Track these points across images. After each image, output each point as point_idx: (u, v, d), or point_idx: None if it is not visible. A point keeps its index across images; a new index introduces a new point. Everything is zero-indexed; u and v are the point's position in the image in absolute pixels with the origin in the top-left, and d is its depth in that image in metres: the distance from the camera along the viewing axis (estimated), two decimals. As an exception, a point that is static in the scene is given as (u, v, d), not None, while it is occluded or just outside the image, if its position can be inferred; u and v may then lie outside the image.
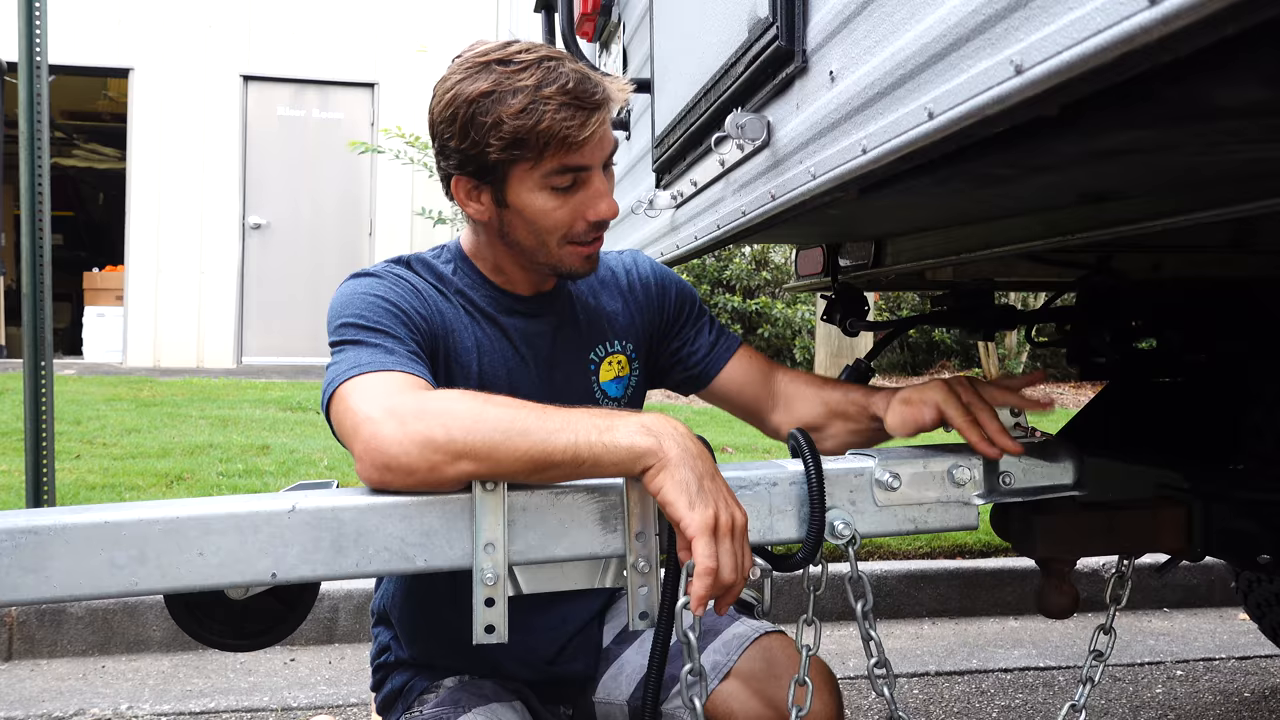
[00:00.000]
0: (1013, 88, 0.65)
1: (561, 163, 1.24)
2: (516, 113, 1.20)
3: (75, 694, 2.79)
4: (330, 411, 1.15)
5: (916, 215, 1.53)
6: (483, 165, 1.25)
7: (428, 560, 1.05)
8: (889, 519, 1.18)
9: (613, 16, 2.32)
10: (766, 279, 8.57)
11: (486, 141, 1.22)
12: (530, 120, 1.20)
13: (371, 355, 1.17)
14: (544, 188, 1.26)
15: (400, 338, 1.23)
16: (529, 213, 1.28)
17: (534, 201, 1.27)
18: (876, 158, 0.87)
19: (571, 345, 1.43)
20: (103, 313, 9.52)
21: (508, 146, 1.22)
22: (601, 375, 1.45)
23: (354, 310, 1.25)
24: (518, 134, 1.21)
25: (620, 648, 1.48)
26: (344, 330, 1.23)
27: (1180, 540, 1.33)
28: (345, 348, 1.20)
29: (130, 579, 0.99)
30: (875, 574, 3.50)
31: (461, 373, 1.33)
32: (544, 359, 1.40)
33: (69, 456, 4.56)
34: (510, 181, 1.27)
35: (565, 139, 1.21)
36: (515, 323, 1.39)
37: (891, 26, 0.83)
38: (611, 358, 1.46)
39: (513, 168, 1.25)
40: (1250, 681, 3.01)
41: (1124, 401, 1.91)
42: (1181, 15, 0.51)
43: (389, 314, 1.25)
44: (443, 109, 1.26)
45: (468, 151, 1.25)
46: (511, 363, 1.37)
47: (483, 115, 1.22)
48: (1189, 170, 1.01)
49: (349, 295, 1.28)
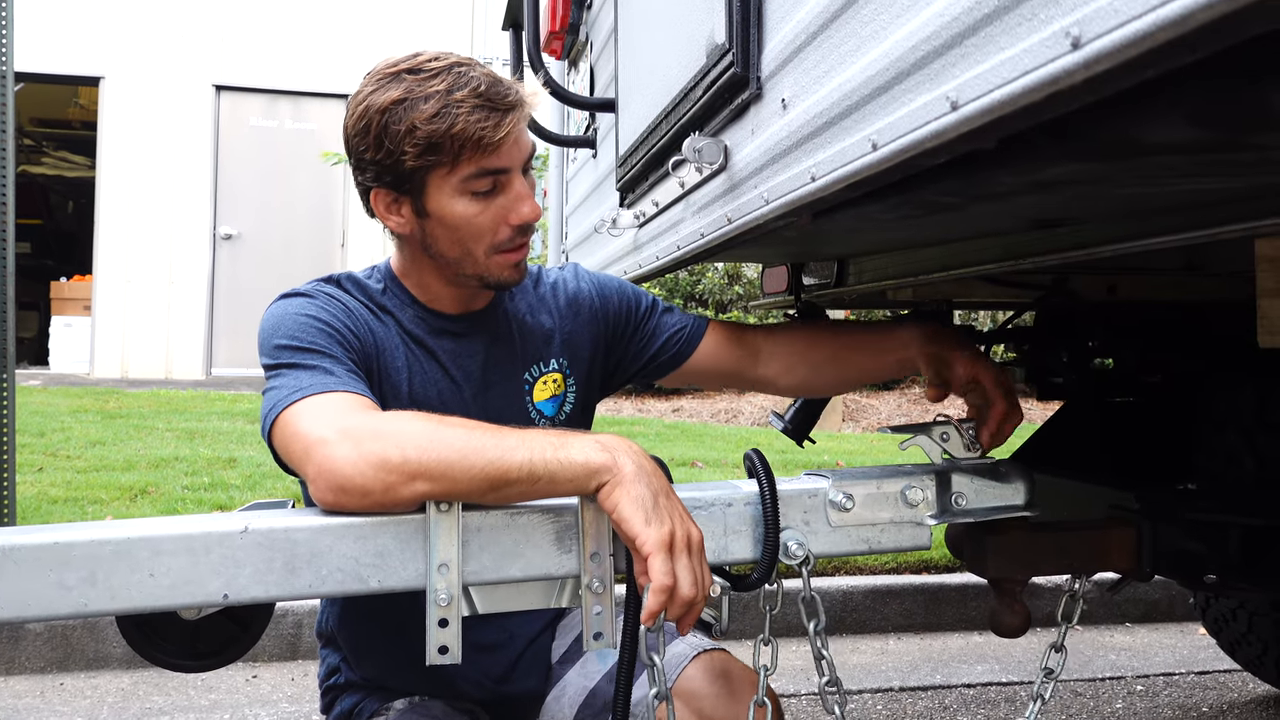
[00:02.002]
0: (949, 123, 0.67)
1: (479, 165, 1.24)
2: (429, 117, 1.20)
3: (33, 711, 2.75)
4: (274, 438, 1.13)
5: (872, 238, 1.55)
6: (399, 174, 1.25)
7: (381, 581, 1.05)
8: (843, 539, 1.19)
9: (581, 35, 2.34)
10: (739, 294, 8.60)
11: (401, 149, 1.22)
12: (443, 124, 1.20)
13: (312, 378, 1.15)
14: (463, 193, 1.26)
15: (337, 357, 1.21)
16: (450, 220, 1.27)
17: (454, 208, 1.26)
18: (825, 185, 0.88)
19: (504, 364, 1.41)
20: (70, 323, 9.42)
21: (423, 153, 1.21)
22: (536, 395, 1.43)
23: (287, 331, 1.22)
24: (431, 138, 1.20)
25: (563, 668, 1.47)
26: (279, 353, 1.20)
27: (1130, 560, 1.35)
28: (282, 371, 1.18)
29: (80, 600, 0.98)
30: (841, 589, 3.52)
31: (393, 393, 1.31)
32: (475, 380, 1.38)
33: (31, 469, 4.50)
34: (429, 189, 1.26)
35: (480, 140, 1.21)
36: (444, 344, 1.37)
37: (839, 58, 0.85)
38: (546, 377, 1.44)
39: (429, 175, 1.24)
40: (1209, 696, 3.04)
41: (1080, 421, 1.94)
42: (1102, 59, 0.53)
43: (323, 334, 1.23)
44: (355, 121, 1.26)
45: (383, 162, 1.24)
46: (442, 385, 1.35)
47: (395, 124, 1.21)
48: (1132, 200, 1.03)
49: (280, 316, 1.25)
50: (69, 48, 8.96)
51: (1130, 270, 1.76)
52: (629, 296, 1.54)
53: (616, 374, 1.55)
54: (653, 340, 1.54)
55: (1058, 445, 1.87)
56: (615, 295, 1.53)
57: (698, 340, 1.53)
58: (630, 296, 1.55)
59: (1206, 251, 1.57)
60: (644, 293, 1.57)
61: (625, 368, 1.55)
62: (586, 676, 1.43)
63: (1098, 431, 1.91)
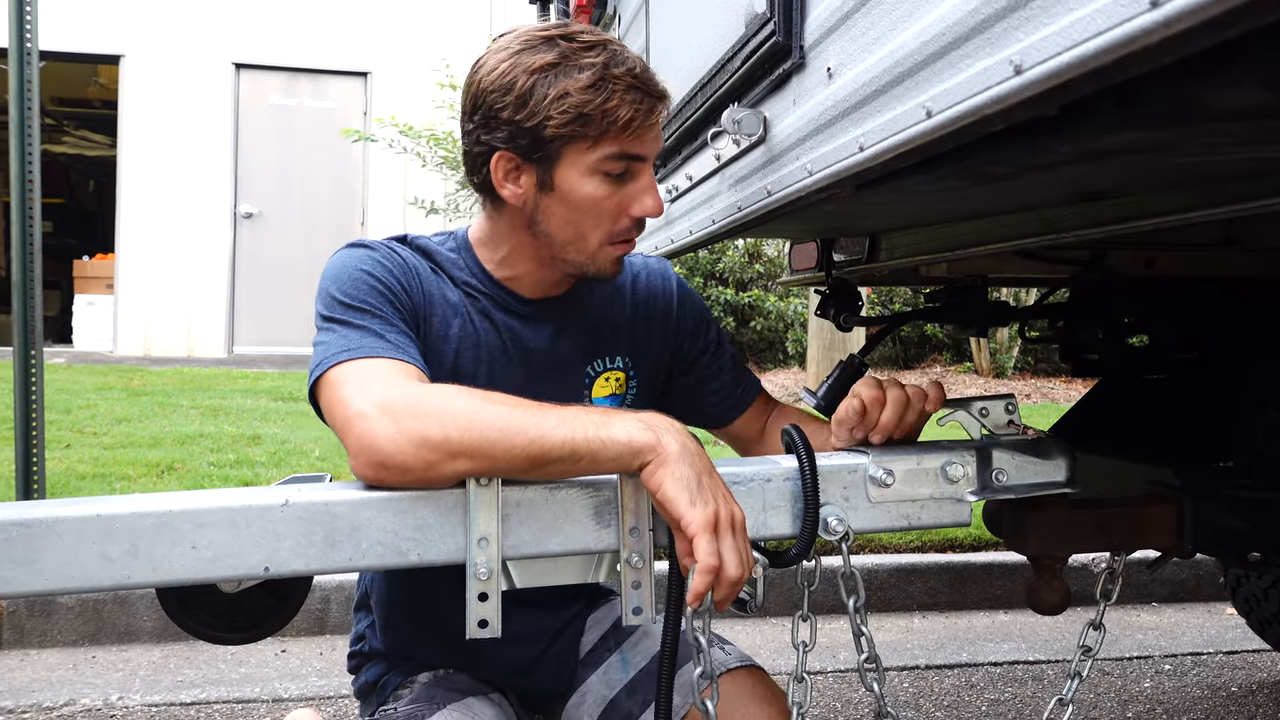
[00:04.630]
0: (1011, 88, 0.65)
1: (622, 148, 1.18)
2: (584, 87, 1.15)
3: (66, 684, 2.79)
4: (318, 394, 1.12)
5: (911, 211, 1.53)
6: (536, 140, 1.18)
7: (421, 555, 1.04)
8: (882, 515, 1.18)
9: (609, 8, 2.32)
10: (759, 272, 8.57)
11: (548, 113, 1.16)
12: (599, 96, 1.15)
13: (361, 339, 1.13)
14: (596, 172, 1.19)
15: (388, 318, 1.18)
16: (575, 198, 1.21)
17: (583, 187, 1.20)
18: (873, 155, 0.87)
19: (568, 355, 1.35)
20: (93, 301, 9.49)
21: (569, 121, 1.16)
22: (595, 390, 1.37)
23: (343, 287, 1.20)
24: (583, 109, 1.15)
25: (586, 671, 1.43)
26: (334, 306, 1.18)
27: (1170, 537, 1.33)
28: (334, 326, 1.16)
29: (122, 572, 0.98)
30: (866, 567, 3.51)
31: (435, 360, 1.26)
32: (535, 364, 1.33)
33: (59, 446, 4.54)
34: (561, 162, 1.19)
35: (630, 121, 1.16)
36: (512, 323, 1.32)
37: (891, 24, 0.83)
38: (609, 374, 1.38)
39: (568, 146, 1.18)
40: (1238, 676, 3.03)
41: (1115, 398, 1.92)
42: (1183, 18, 0.51)
43: (378, 293, 1.20)
44: (497, 78, 1.18)
45: (522, 124, 1.17)
46: (497, 359, 1.30)
47: (546, 86, 1.15)
48: (1185, 170, 1.01)
49: (340, 269, 1.23)
50: (89, 26, 8.97)
51: (1167, 246, 1.74)
52: (704, 318, 1.47)
53: (666, 393, 1.47)
54: (709, 380, 1.47)
55: (1093, 422, 1.85)
56: (692, 311, 1.45)
57: (746, 405, 1.47)
58: (705, 319, 1.47)
59: (1245, 226, 1.54)
60: (715, 321, 1.50)
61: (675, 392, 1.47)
62: (608, 685, 1.40)
63: (1133, 408, 1.89)
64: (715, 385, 1.47)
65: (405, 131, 8.18)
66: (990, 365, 8.18)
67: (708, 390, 1.46)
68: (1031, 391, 7.78)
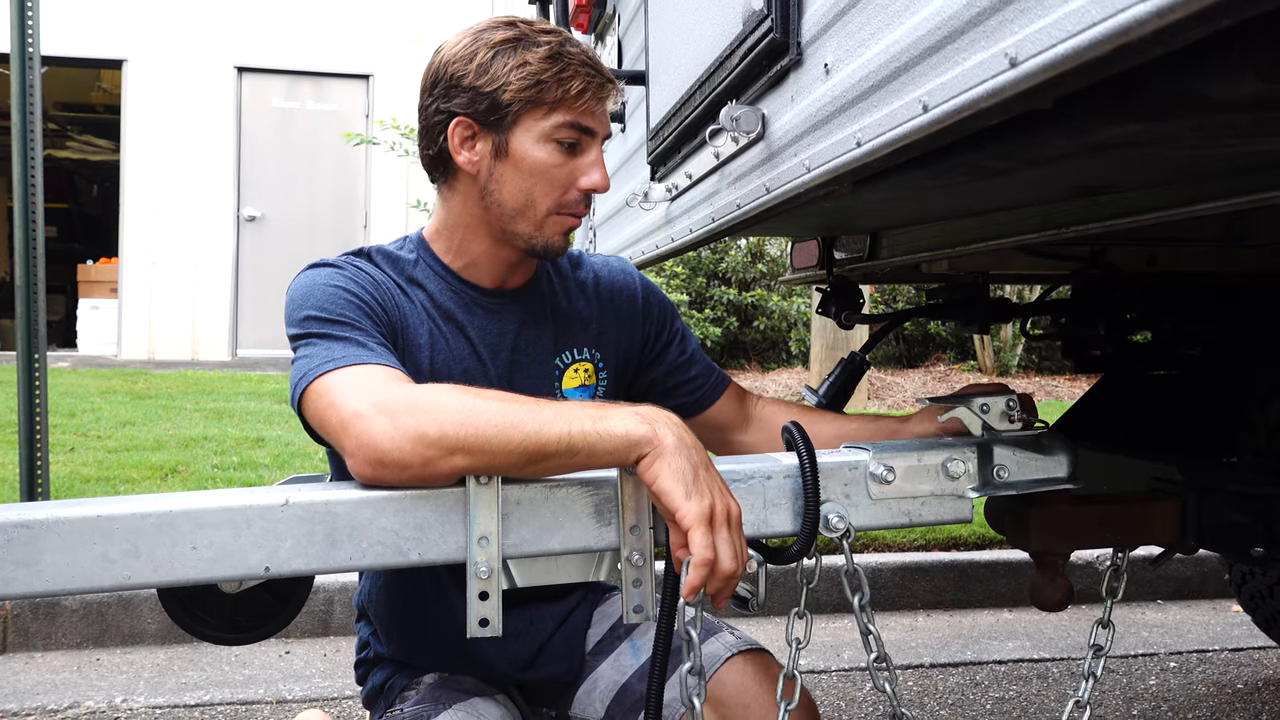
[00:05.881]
0: (1007, 81, 0.65)
1: (574, 118, 1.25)
2: (543, 57, 1.23)
3: (70, 686, 2.79)
4: (305, 407, 1.12)
5: (911, 208, 1.53)
6: (494, 104, 1.25)
7: (422, 554, 1.04)
8: (883, 512, 1.18)
9: (608, 8, 2.32)
10: (762, 271, 8.56)
11: (507, 79, 1.23)
12: (555, 66, 1.23)
13: (345, 349, 1.14)
14: (550, 139, 1.26)
15: (366, 330, 1.19)
16: (528, 164, 1.26)
17: (536, 152, 1.26)
18: (871, 150, 0.86)
19: (535, 347, 1.38)
20: (97, 305, 9.50)
21: (528, 87, 1.23)
22: (565, 382, 1.40)
23: (316, 303, 1.20)
24: (540, 75, 1.23)
25: (597, 660, 1.44)
26: (308, 324, 1.19)
27: (1174, 533, 1.33)
28: (313, 341, 1.16)
29: (123, 573, 0.98)
30: (870, 566, 3.51)
31: (414, 370, 1.27)
32: (504, 360, 1.35)
33: (63, 449, 4.55)
34: (517, 127, 1.26)
35: (583, 93, 1.24)
36: (475, 319, 1.34)
37: (886, 19, 0.83)
38: (578, 365, 1.41)
39: (524, 113, 1.25)
40: (1243, 673, 3.02)
41: (1118, 394, 1.91)
42: (1177, 8, 0.51)
43: (352, 306, 1.21)
44: (460, 51, 1.27)
45: (482, 89, 1.24)
46: (468, 363, 1.32)
47: (506, 56, 1.24)
48: (1183, 163, 1.01)
49: (308, 287, 1.23)
50: (92, 31, 8.99)
51: (1169, 241, 1.73)
52: (668, 310, 1.51)
53: (635, 385, 1.50)
54: (679, 370, 1.50)
55: (1095, 418, 1.85)
56: (656, 303, 1.50)
57: (720, 391, 1.51)
58: (669, 311, 1.52)
59: (1247, 222, 1.54)
60: (678, 314, 1.55)
61: (646, 383, 1.50)
62: (619, 671, 1.41)
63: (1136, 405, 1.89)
64: (687, 374, 1.50)
65: (407, 134, 8.18)
66: (994, 363, 8.17)
67: (680, 379, 1.50)
68: (1036, 389, 7.77)
